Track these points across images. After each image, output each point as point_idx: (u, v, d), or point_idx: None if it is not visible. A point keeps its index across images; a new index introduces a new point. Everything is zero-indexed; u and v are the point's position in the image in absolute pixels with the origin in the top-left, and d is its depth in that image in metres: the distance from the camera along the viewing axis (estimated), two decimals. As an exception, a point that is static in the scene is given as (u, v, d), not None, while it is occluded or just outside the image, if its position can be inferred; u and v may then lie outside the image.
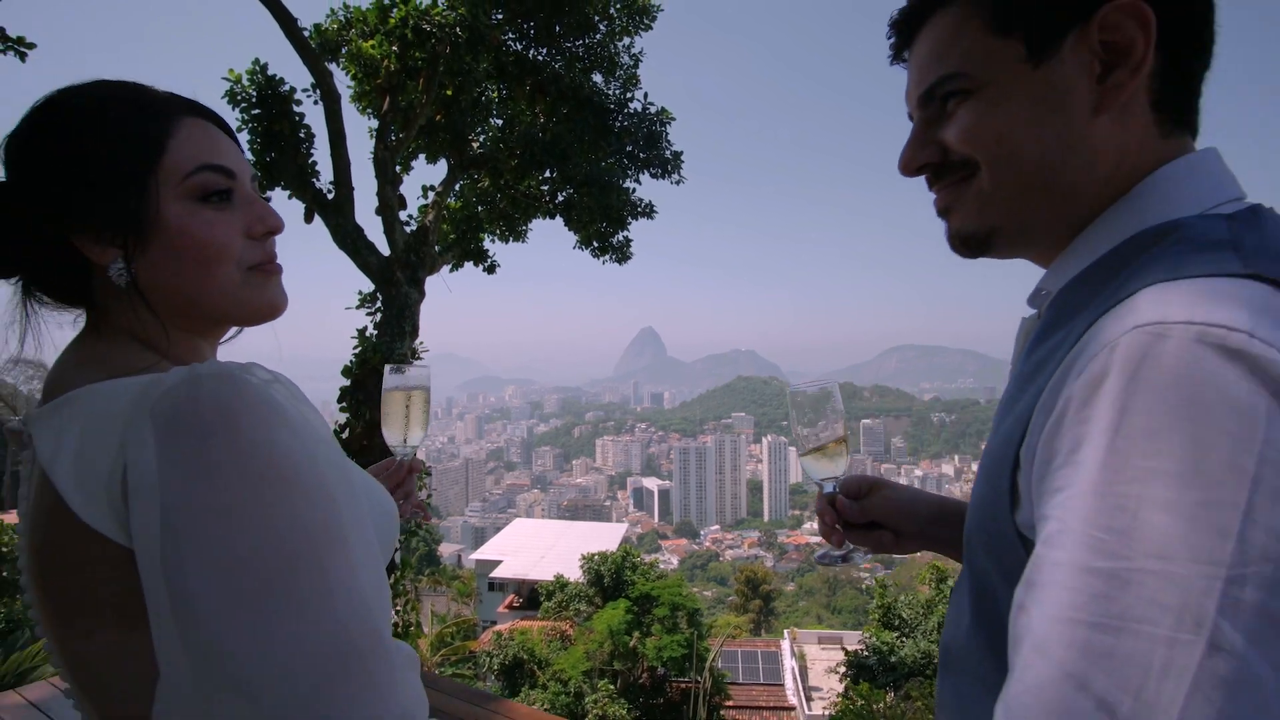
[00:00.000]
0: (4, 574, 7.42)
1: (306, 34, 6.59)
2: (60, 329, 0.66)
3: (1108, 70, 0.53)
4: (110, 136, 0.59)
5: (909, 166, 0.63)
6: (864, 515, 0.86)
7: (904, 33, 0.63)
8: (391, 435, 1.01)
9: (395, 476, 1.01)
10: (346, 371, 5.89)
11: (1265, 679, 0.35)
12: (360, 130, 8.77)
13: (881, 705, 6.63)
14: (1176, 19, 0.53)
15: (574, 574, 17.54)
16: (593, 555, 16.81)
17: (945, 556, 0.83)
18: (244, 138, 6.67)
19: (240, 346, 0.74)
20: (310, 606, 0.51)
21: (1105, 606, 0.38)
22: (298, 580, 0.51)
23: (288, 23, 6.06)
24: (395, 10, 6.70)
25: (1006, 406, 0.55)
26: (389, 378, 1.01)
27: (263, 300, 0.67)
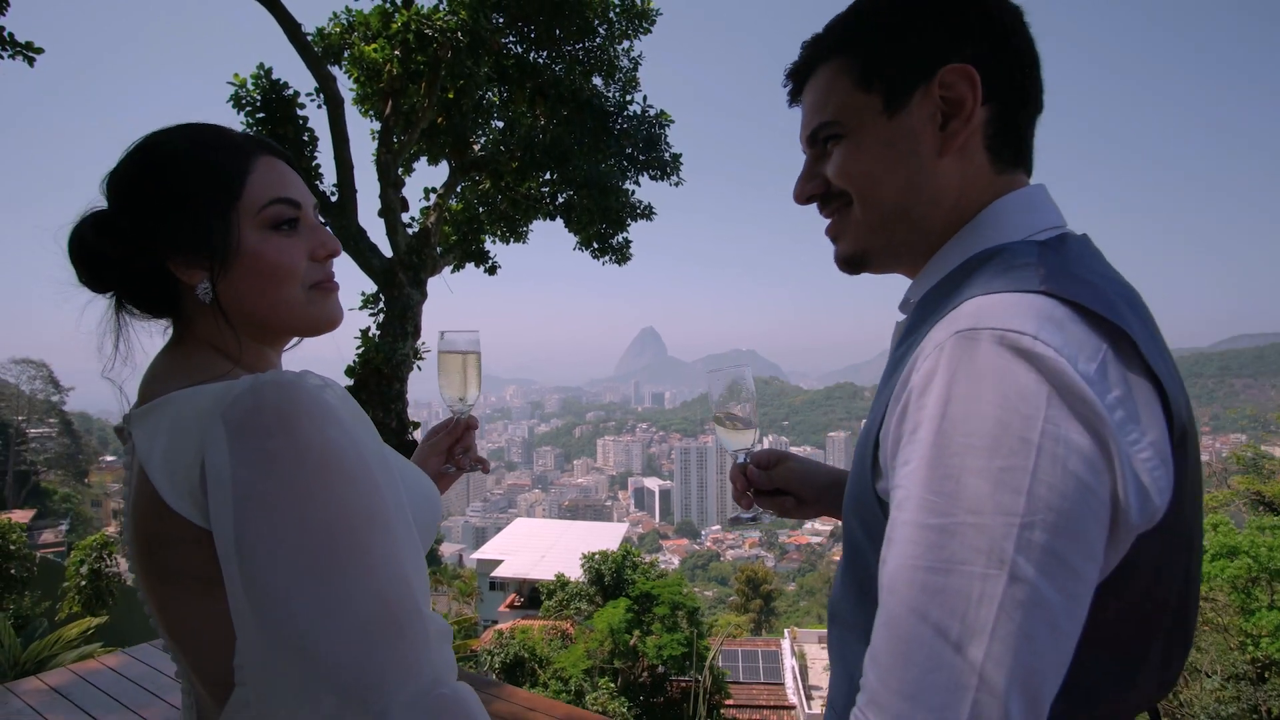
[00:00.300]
0: (11, 571, 7.50)
1: (309, 38, 6.67)
2: (150, 337, 0.75)
3: (947, 120, 0.65)
4: (199, 175, 0.69)
5: (800, 196, 0.75)
6: (771, 483, 1.00)
7: (796, 83, 0.74)
8: (450, 395, 1.08)
9: (454, 433, 1.10)
10: (350, 371, 5.95)
11: (1052, 600, 0.47)
12: (362, 132, 8.84)
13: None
14: (1000, 78, 0.64)
15: (574, 573, 17.59)
16: (593, 554, 16.85)
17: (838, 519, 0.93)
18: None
19: (301, 354, 0.83)
20: (357, 581, 0.59)
21: (937, 554, 0.48)
22: (346, 558, 0.59)
23: (292, 28, 6.14)
24: (397, 15, 6.78)
25: (877, 396, 0.66)
26: (445, 342, 1.08)
27: (323, 315, 0.77)
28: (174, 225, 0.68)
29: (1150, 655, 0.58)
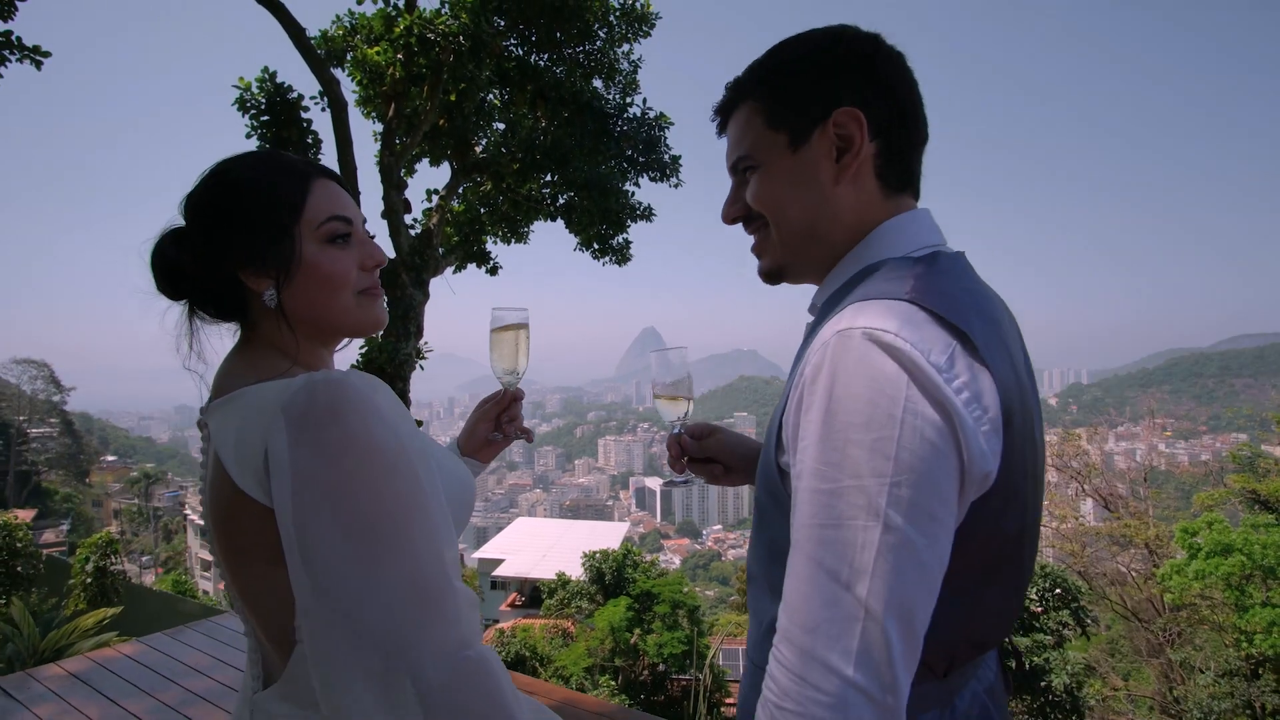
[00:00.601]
0: (18, 569, 7.59)
1: (312, 41, 6.75)
2: (220, 339, 0.85)
3: (841, 154, 0.77)
4: (266, 197, 0.79)
5: (726, 217, 0.88)
6: (702, 452, 1.13)
7: (721, 119, 0.87)
8: (500, 367, 1.15)
9: (502, 404, 1.18)
10: (356, 369, 6.03)
11: (918, 543, 0.59)
12: (364, 134, 8.92)
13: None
14: (884, 117, 0.77)
15: (575, 572, 17.65)
16: (594, 553, 16.91)
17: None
18: (252, 144, 6.83)
19: (350, 352, 0.93)
20: (397, 556, 0.68)
21: (828, 513, 0.60)
22: (388, 537, 0.68)
23: (296, 33, 6.22)
24: (400, 19, 6.86)
25: (785, 384, 0.76)
26: (496, 317, 1.15)
27: (370, 318, 0.86)
28: (245, 241, 0.78)
29: (987, 597, 0.71)
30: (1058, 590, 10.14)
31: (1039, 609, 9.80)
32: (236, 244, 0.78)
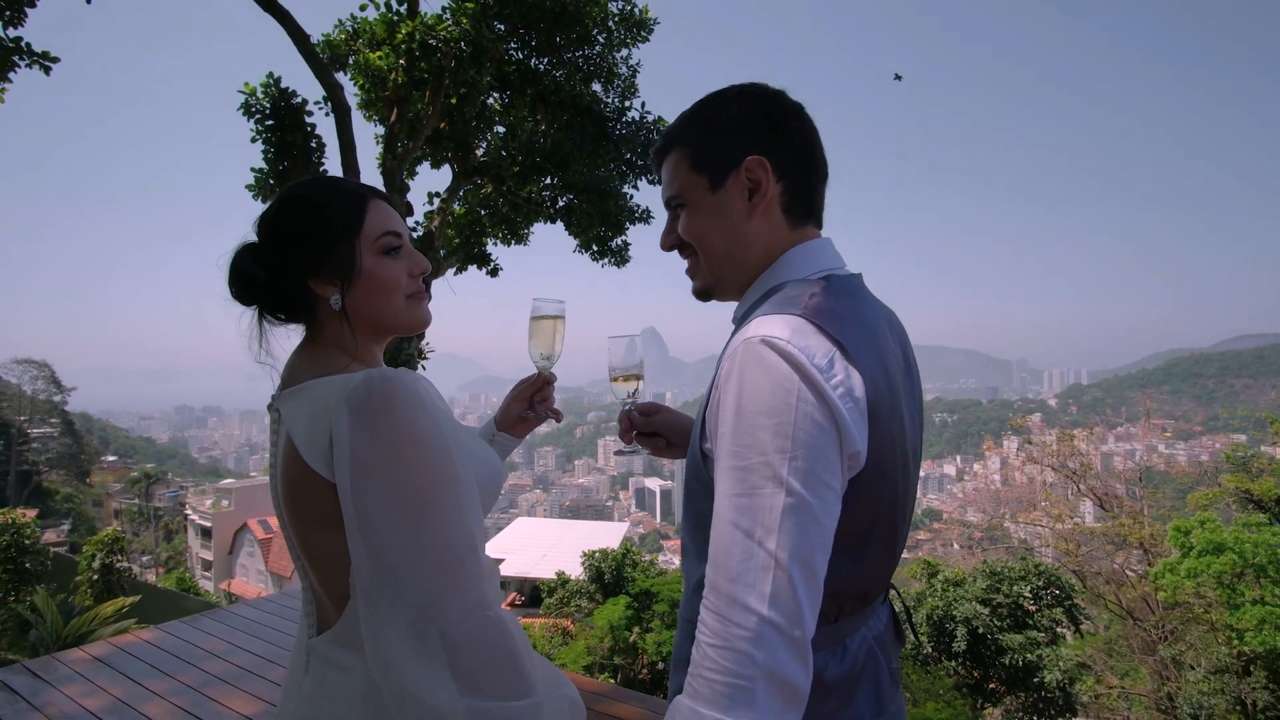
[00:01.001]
0: (26, 565, 7.69)
1: (315, 44, 6.85)
2: (286, 338, 0.97)
3: (752, 194, 0.93)
4: (331, 216, 0.93)
5: (664, 245, 1.04)
6: (648, 427, 1.29)
7: (657, 161, 1.03)
8: (538, 352, 1.27)
9: (536, 385, 1.31)
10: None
11: (813, 503, 0.73)
12: (366, 136, 9.02)
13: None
14: (787, 162, 0.93)
15: (575, 571, 17.73)
16: (593, 552, 16.98)
17: None
18: (258, 148, 6.93)
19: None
20: (432, 527, 0.80)
21: (742, 485, 0.75)
22: (426, 513, 0.80)
23: (301, 38, 6.33)
24: (402, 25, 6.97)
25: (708, 386, 0.90)
26: (536, 307, 1.27)
27: (416, 318, 1.00)
28: (314, 254, 0.91)
29: (867, 557, 0.87)
30: (1054, 590, 10.24)
31: (1033, 606, 9.90)
32: (307, 256, 0.91)
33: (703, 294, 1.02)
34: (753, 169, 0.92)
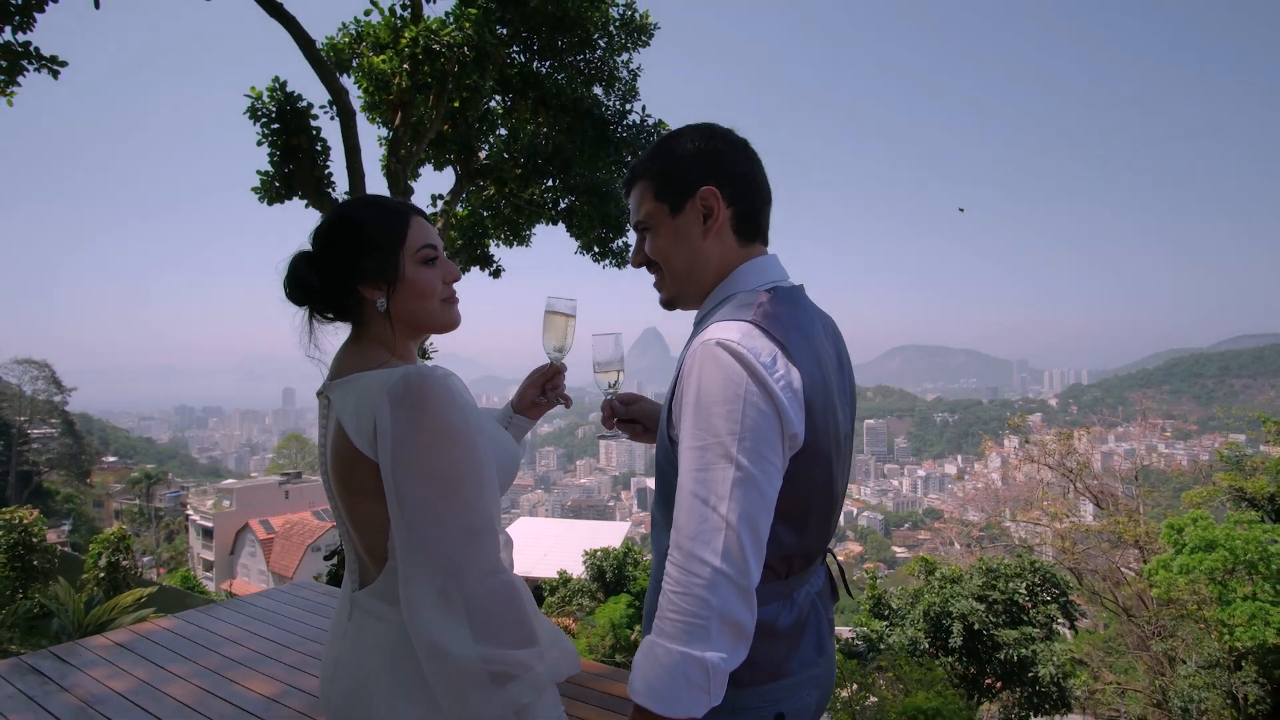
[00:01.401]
0: (34, 563, 7.81)
1: (319, 47, 6.96)
2: (333, 335, 1.10)
3: (706, 219, 1.10)
4: (379, 230, 1.06)
5: (634, 262, 1.21)
6: (628, 414, 1.45)
7: (626, 190, 1.20)
8: (551, 345, 1.42)
9: (548, 374, 1.44)
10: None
11: (758, 476, 0.90)
12: (369, 137, 9.15)
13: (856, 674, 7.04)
14: (735, 191, 1.10)
15: (577, 570, 17.84)
16: (595, 551, 17.07)
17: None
18: (264, 151, 7.05)
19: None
20: (457, 503, 0.94)
21: (701, 461, 0.91)
22: (451, 490, 0.94)
23: (307, 43, 6.45)
24: (406, 30, 7.10)
25: (671, 381, 1.07)
26: (551, 304, 1.40)
27: (449, 319, 1.13)
28: (365, 262, 1.05)
29: (809, 524, 1.03)
30: (1049, 586, 10.36)
31: (1028, 603, 10.02)
32: (358, 265, 1.05)
33: (668, 304, 1.19)
34: (706, 197, 1.09)
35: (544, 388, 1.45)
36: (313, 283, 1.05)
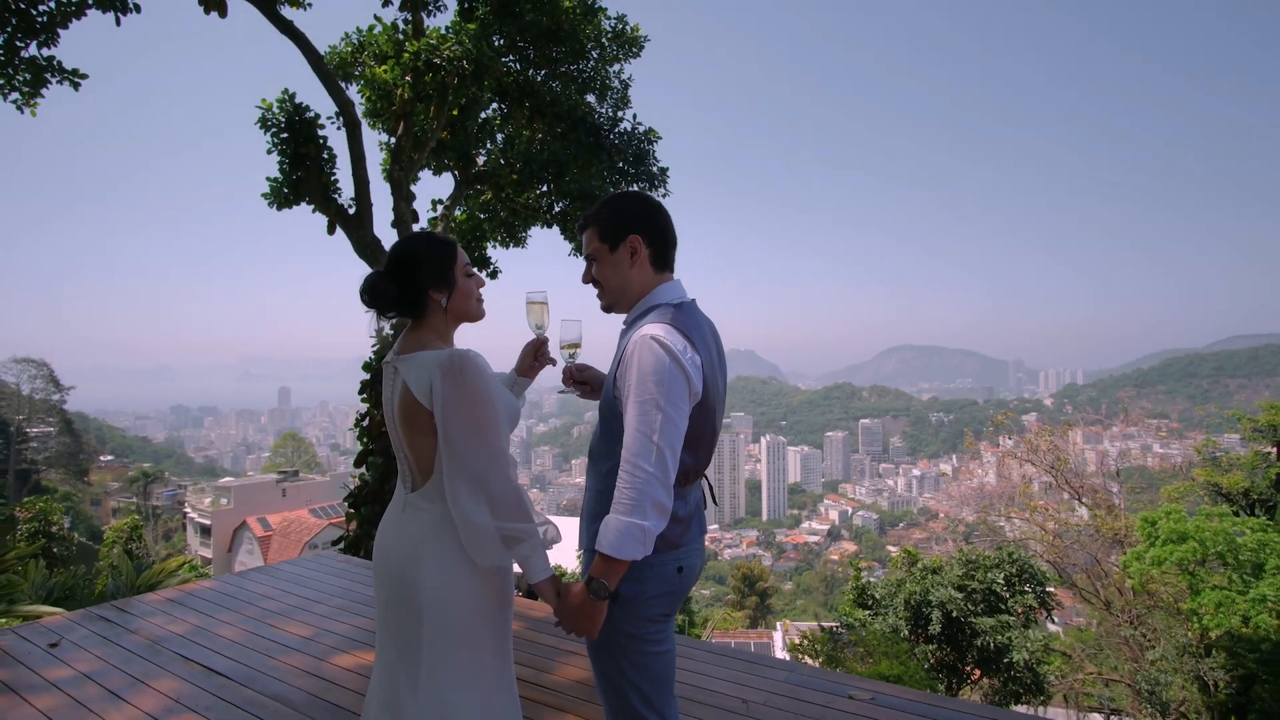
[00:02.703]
0: (54, 550, 8.14)
1: (323, 56, 7.30)
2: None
3: (633, 255, 1.64)
4: (439, 255, 1.59)
5: (584, 281, 1.74)
6: (581, 378, 1.91)
7: (579, 231, 1.72)
8: (533, 323, 1.91)
9: (535, 345, 1.93)
10: (367, 367, 6.55)
11: (676, 417, 1.47)
12: (370, 141, 9.47)
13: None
14: (652, 237, 1.65)
15: (571, 565, 18.18)
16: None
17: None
18: (274, 159, 7.39)
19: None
20: (483, 438, 1.46)
21: (641, 410, 1.46)
22: (481, 433, 1.46)
23: (315, 59, 6.80)
24: (408, 45, 7.44)
25: (613, 360, 1.62)
26: (530, 296, 1.90)
27: (480, 313, 1.69)
28: (432, 275, 1.57)
29: (700, 450, 1.58)
30: (1026, 577, 10.75)
31: (1005, 593, 10.41)
32: (429, 277, 1.57)
33: (606, 310, 1.73)
34: (633, 241, 1.63)
35: (535, 355, 1.93)
36: (391, 292, 1.55)
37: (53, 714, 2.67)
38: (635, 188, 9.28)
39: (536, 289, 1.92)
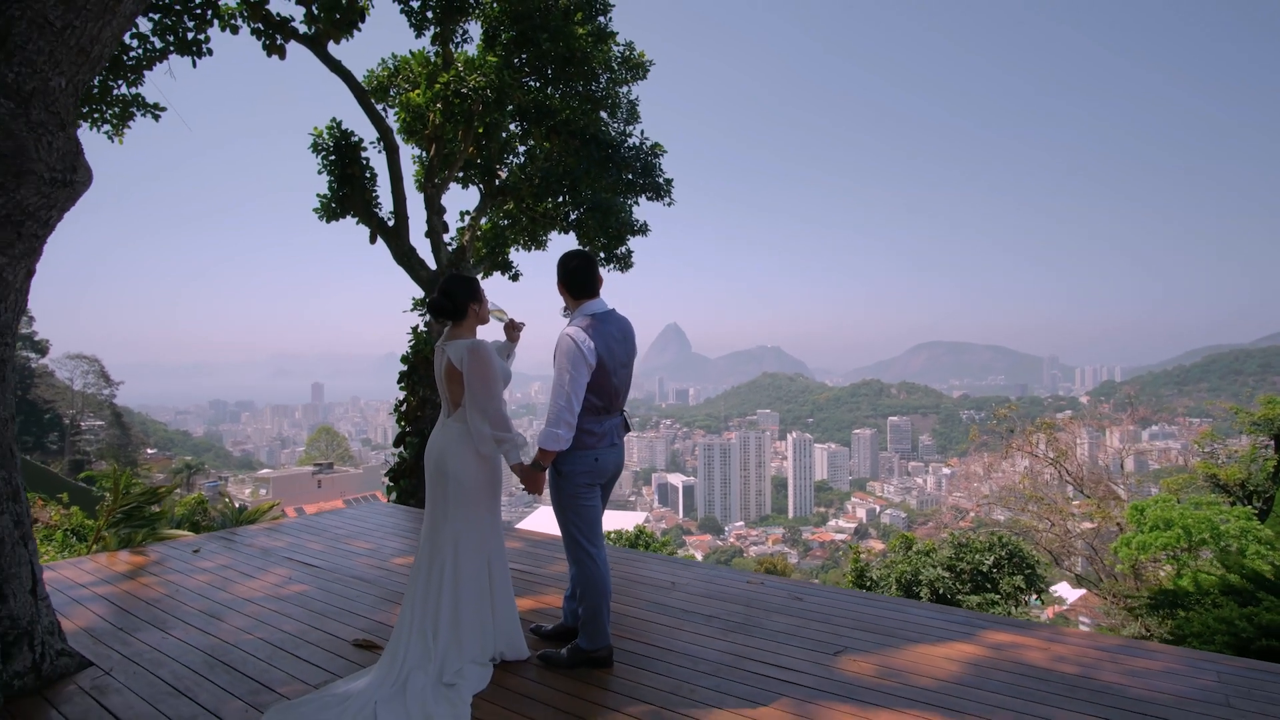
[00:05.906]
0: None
1: (360, 79, 8.25)
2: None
3: (565, 292, 3.00)
4: (472, 286, 2.92)
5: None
6: (512, 325, 3.29)
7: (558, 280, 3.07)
8: (494, 317, 3.08)
9: (507, 327, 3.23)
10: (405, 359, 7.52)
11: (579, 378, 2.81)
12: (404, 157, 10.48)
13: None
14: (568, 285, 2.94)
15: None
16: (608, 533, 18.19)
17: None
18: (324, 179, 8.42)
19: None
20: (489, 391, 2.84)
21: (561, 376, 2.79)
22: (488, 385, 2.84)
23: (360, 93, 7.77)
24: (440, 76, 8.39)
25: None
26: (490, 306, 3.04)
27: (487, 319, 3.04)
28: (473, 295, 2.89)
29: (605, 396, 2.86)
30: (1015, 560, 11.35)
31: (996, 574, 11.02)
32: (472, 296, 2.88)
33: (566, 314, 2.87)
34: (561, 287, 2.87)
35: (507, 331, 3.21)
36: (446, 306, 2.66)
37: (210, 583, 4.10)
38: (643, 197, 10.16)
39: (493, 304, 3.05)
